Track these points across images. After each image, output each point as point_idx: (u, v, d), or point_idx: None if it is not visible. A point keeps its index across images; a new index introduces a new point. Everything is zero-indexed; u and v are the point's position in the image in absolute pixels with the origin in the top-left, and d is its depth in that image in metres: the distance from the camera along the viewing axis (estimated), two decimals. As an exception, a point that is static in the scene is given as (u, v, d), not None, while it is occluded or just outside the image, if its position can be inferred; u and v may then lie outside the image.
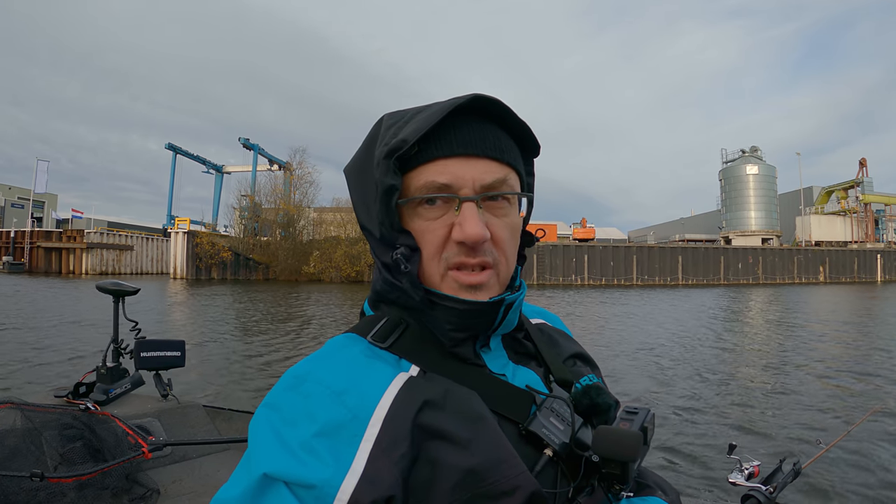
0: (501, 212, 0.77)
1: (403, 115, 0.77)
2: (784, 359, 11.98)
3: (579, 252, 59.56)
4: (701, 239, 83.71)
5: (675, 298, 33.54)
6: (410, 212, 0.76)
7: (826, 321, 20.56)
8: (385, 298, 0.83)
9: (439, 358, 0.77)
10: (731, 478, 1.45)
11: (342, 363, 0.72)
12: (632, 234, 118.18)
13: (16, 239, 61.94)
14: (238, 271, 57.06)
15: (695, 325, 18.58)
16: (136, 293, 3.13)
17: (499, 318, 0.78)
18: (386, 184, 0.72)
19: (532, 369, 0.84)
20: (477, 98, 0.74)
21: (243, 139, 65.63)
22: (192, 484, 2.70)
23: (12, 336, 13.31)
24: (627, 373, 10.33)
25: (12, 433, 2.50)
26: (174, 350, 3.04)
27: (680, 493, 0.89)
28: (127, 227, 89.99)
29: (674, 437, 6.44)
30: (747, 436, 6.56)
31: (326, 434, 0.63)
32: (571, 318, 21.07)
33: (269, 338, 14.55)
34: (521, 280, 0.86)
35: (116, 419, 2.73)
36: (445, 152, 0.73)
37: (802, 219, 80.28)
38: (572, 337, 1.01)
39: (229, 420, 3.36)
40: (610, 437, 0.70)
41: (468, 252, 0.74)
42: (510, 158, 0.78)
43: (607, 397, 0.80)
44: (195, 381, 8.75)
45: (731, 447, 1.49)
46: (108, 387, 2.97)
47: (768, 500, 1.39)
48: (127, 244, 63.11)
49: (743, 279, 62.85)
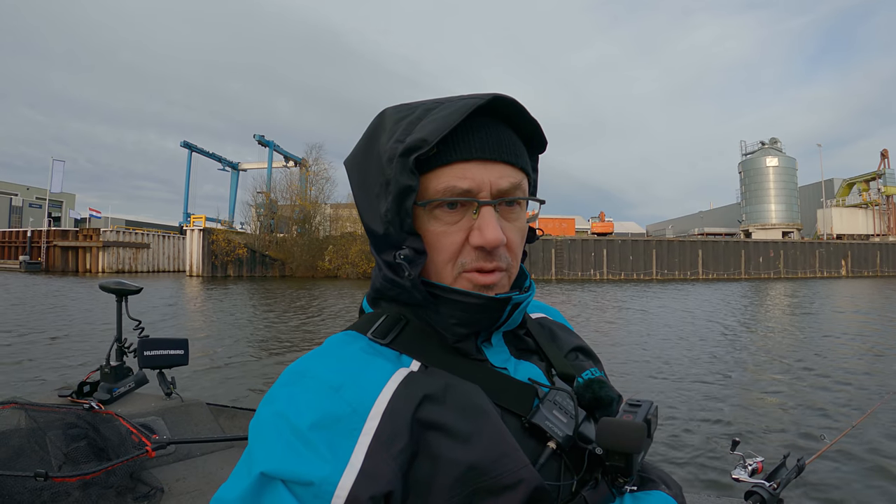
0: (514, 216, 0.78)
1: (412, 109, 0.76)
2: (789, 354, 11.87)
3: (598, 246, 58.84)
4: (720, 233, 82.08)
5: (701, 293, 33.11)
6: (427, 214, 0.75)
7: (842, 312, 20.44)
8: (385, 295, 0.82)
9: (441, 353, 0.77)
10: (734, 474, 1.44)
11: (341, 359, 0.71)
12: (650, 228, 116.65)
13: (33, 238, 62.98)
14: (254, 268, 57.34)
15: (717, 318, 18.38)
16: (139, 292, 3.14)
17: (504, 315, 0.78)
18: (403, 184, 0.71)
19: (534, 363, 0.84)
20: (496, 98, 0.74)
21: (258, 136, 65.71)
22: (196, 482, 2.71)
23: (17, 335, 13.42)
24: (636, 366, 10.27)
25: (17, 433, 2.53)
26: (177, 348, 3.05)
27: (683, 489, 0.87)
28: (144, 225, 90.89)
29: (677, 433, 6.42)
30: (750, 432, 6.53)
31: (323, 427, 0.62)
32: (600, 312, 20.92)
33: (277, 333, 14.62)
34: (532, 281, 0.86)
35: (120, 418, 2.74)
36: (464, 156, 0.73)
37: (823, 212, 78.26)
38: (573, 330, 1.01)
39: (233, 418, 3.37)
40: (613, 429, 0.70)
41: (486, 257, 0.74)
42: (523, 163, 0.78)
43: (610, 390, 0.80)
44: (198, 380, 8.79)
45: (735, 443, 1.47)
46: (111, 386, 3.00)
47: (772, 496, 1.37)
48: (143, 242, 63.71)
49: (764, 273, 61.75)
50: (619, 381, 9.01)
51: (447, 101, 0.75)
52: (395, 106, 0.79)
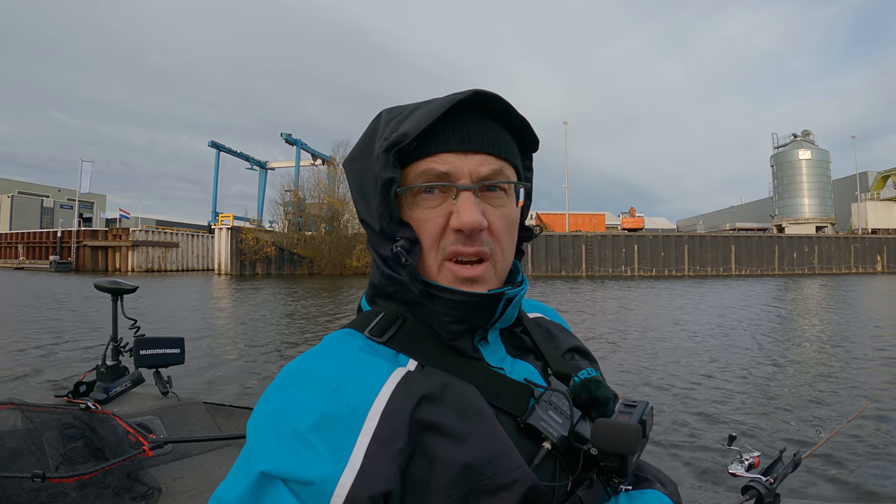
0: (498, 202, 0.78)
1: (402, 110, 0.79)
2: (794, 350, 12.03)
3: (629, 242, 57.99)
4: (752, 227, 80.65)
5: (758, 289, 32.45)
6: (409, 202, 0.77)
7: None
8: (383, 293, 0.83)
9: (437, 352, 0.77)
10: (730, 469, 1.43)
11: (339, 359, 0.71)
12: (680, 224, 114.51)
13: (63, 239, 63.62)
14: (282, 266, 57.43)
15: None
16: (135, 291, 3.14)
17: (498, 311, 0.78)
18: (385, 176, 0.73)
19: (530, 363, 0.85)
20: (477, 94, 0.75)
21: (285, 134, 65.75)
22: (193, 481, 2.72)
23: (17, 335, 13.30)
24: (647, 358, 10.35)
25: (13, 434, 2.53)
26: (174, 347, 3.05)
27: (680, 485, 0.84)
28: (174, 224, 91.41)
29: (673, 429, 6.46)
30: (747, 427, 6.56)
31: (322, 427, 0.63)
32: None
33: (299, 330, 14.58)
34: (524, 275, 0.87)
35: (117, 418, 2.74)
36: (444, 147, 0.75)
37: (858, 205, 76.25)
38: (570, 330, 1.02)
39: (230, 416, 3.37)
40: (608, 430, 0.70)
41: (465, 240, 0.74)
42: (507, 154, 0.79)
43: (606, 390, 0.81)
44: (195, 378, 8.78)
45: (731, 438, 1.47)
46: (108, 385, 2.99)
47: (769, 490, 1.37)
48: (172, 241, 64.25)
49: (798, 269, 59.82)
50: (614, 379, 9.12)
51: (435, 100, 0.77)
52: (389, 108, 0.82)
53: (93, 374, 3.08)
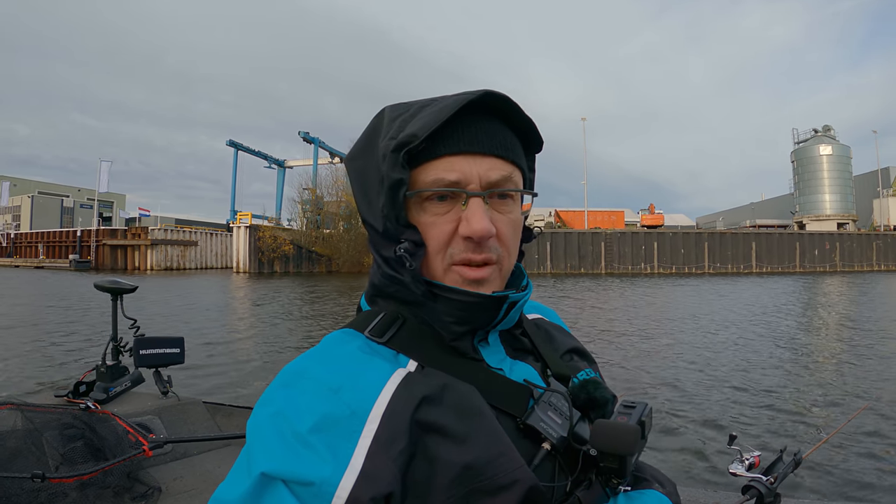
0: (506, 208, 0.78)
1: (408, 107, 0.78)
2: (796, 349, 12.03)
3: (648, 239, 57.41)
4: (773, 224, 78.79)
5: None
6: (417, 206, 0.76)
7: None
8: (383, 293, 0.83)
9: (437, 352, 0.77)
10: (731, 468, 1.43)
11: (339, 359, 0.71)
12: (700, 221, 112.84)
13: (82, 238, 64.31)
14: (301, 264, 57.45)
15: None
16: (134, 291, 3.14)
17: (501, 314, 0.78)
18: (394, 178, 0.72)
19: (529, 364, 0.84)
20: (487, 94, 0.75)
21: (303, 133, 65.67)
22: (193, 481, 2.72)
23: (17, 334, 13.29)
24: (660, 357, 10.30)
25: (13, 434, 2.54)
26: (173, 347, 3.05)
27: (680, 484, 0.82)
28: (193, 223, 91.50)
29: (673, 428, 6.45)
30: (747, 426, 6.56)
31: (323, 429, 0.62)
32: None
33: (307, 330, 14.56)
34: (528, 280, 0.87)
35: (117, 417, 2.75)
36: (453, 149, 0.74)
37: (880, 202, 75.14)
38: (569, 332, 1.02)
39: (229, 416, 3.37)
40: (608, 431, 0.71)
41: (474, 248, 0.74)
42: (515, 157, 0.78)
43: (605, 391, 0.82)
44: (195, 378, 8.78)
45: (732, 438, 1.47)
46: (107, 385, 3.00)
47: (769, 490, 1.37)
48: (191, 240, 64.70)
49: (819, 266, 59.21)
50: (616, 374, 9.13)
51: (441, 99, 0.77)
52: (392, 105, 0.81)
53: (93, 373, 3.08)
